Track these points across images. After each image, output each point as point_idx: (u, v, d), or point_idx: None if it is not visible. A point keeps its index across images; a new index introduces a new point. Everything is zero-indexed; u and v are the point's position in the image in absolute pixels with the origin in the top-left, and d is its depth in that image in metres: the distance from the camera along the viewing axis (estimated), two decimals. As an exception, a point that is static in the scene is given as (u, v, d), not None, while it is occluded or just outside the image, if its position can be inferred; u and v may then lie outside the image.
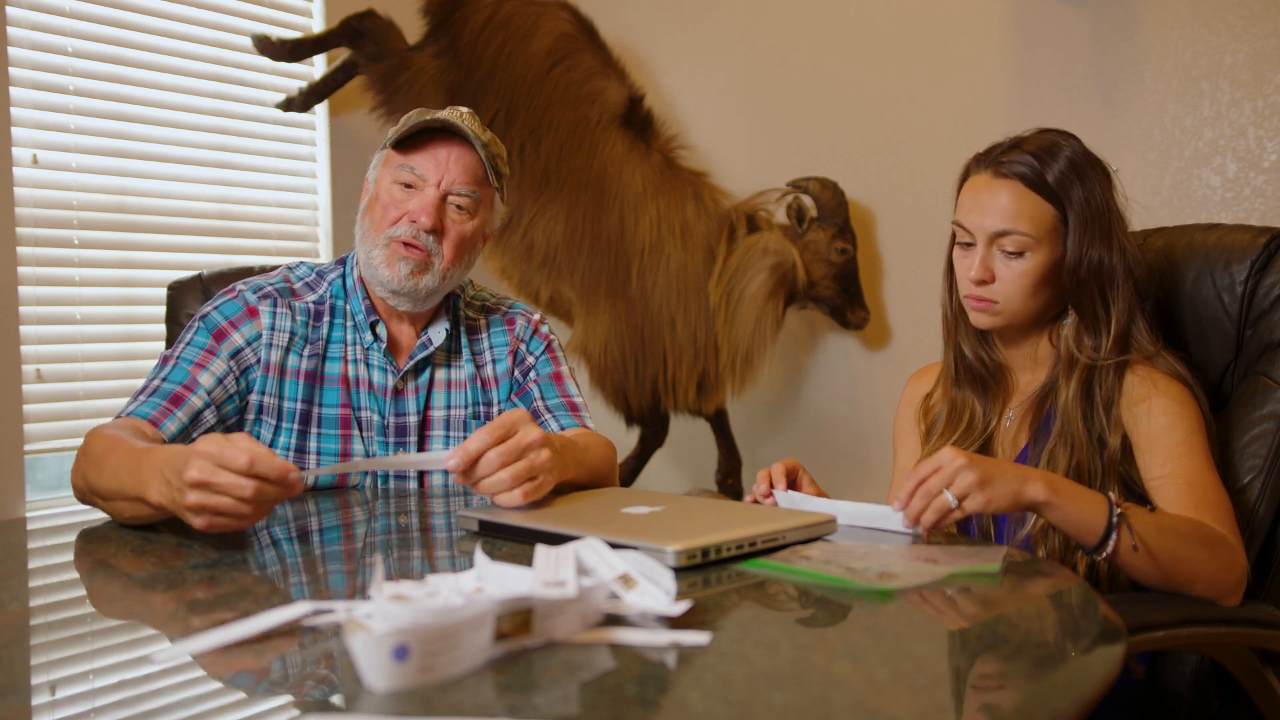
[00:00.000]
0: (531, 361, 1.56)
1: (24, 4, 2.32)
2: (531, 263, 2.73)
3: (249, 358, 1.42)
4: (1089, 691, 0.68)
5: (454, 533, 1.19)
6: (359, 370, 1.47)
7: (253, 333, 1.43)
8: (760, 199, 2.68)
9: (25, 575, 1.10)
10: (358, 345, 1.48)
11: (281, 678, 0.72)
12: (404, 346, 1.51)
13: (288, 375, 1.44)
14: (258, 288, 1.47)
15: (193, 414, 1.37)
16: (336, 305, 1.49)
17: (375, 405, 1.47)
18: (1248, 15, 2.19)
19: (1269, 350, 1.37)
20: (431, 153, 1.43)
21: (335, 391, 1.46)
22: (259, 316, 1.44)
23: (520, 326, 1.58)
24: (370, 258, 1.45)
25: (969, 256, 1.34)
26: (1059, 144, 1.32)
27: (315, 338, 1.47)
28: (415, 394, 1.49)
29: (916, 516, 1.09)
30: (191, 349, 1.40)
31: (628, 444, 2.84)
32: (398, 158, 1.44)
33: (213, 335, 1.41)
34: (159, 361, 1.41)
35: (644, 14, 3.09)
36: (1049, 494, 1.11)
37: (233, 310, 1.44)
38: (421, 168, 1.43)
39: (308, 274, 1.52)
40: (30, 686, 0.73)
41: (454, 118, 1.44)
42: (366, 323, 1.48)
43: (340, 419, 1.45)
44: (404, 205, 1.43)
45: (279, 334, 1.44)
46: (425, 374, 1.51)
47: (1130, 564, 1.14)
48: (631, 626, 0.78)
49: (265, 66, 2.77)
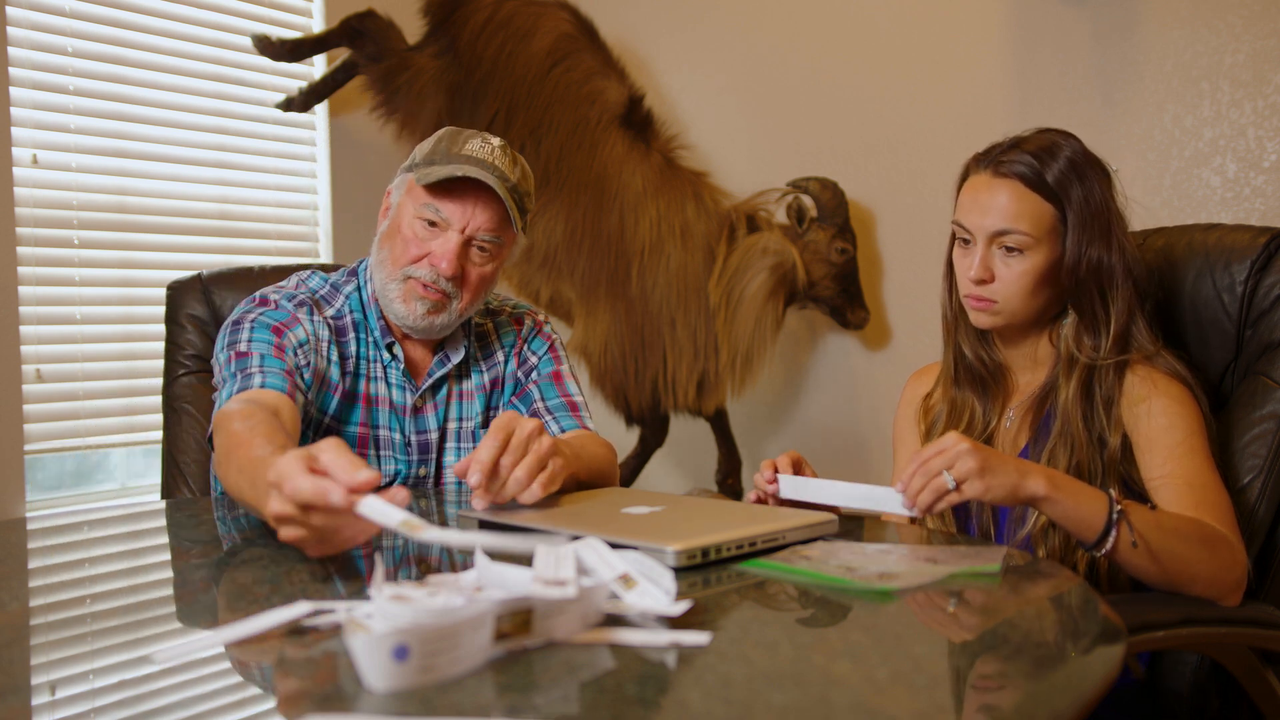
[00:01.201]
0: (534, 361, 1.55)
1: (24, 4, 2.32)
2: (531, 263, 2.73)
3: (302, 359, 1.37)
4: (1089, 691, 0.68)
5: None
6: (378, 388, 1.46)
7: (302, 336, 1.39)
8: (760, 199, 2.68)
9: (25, 575, 1.10)
10: (377, 363, 1.46)
11: (281, 678, 0.72)
12: (419, 363, 1.49)
13: (325, 388, 1.42)
14: (291, 296, 1.44)
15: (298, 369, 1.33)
16: (356, 320, 1.47)
17: (396, 424, 1.46)
18: (1248, 15, 2.19)
19: (1269, 350, 1.37)
20: (459, 198, 1.38)
21: (357, 410, 1.44)
22: (302, 324, 1.40)
23: (527, 327, 1.58)
24: (387, 289, 1.42)
25: (969, 256, 1.34)
26: (1058, 144, 1.32)
27: (346, 354, 1.44)
28: (434, 410, 1.48)
29: (915, 496, 1.10)
30: (259, 343, 1.35)
31: (628, 444, 2.84)
32: (424, 194, 1.39)
33: (272, 331, 1.37)
34: (231, 358, 1.34)
35: (644, 14, 3.09)
36: (1049, 489, 1.11)
37: (279, 316, 1.39)
38: (447, 211, 1.38)
39: (321, 285, 1.49)
40: (30, 686, 0.73)
41: (486, 155, 1.39)
42: (384, 342, 1.46)
43: (359, 438, 1.44)
44: (426, 245, 1.39)
45: (320, 343, 1.41)
46: (443, 390, 1.50)
47: (1130, 561, 1.14)
48: (631, 626, 0.78)
49: (265, 66, 2.77)
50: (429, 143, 1.44)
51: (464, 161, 1.37)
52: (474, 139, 1.41)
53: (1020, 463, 1.12)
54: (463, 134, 1.42)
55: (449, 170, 1.36)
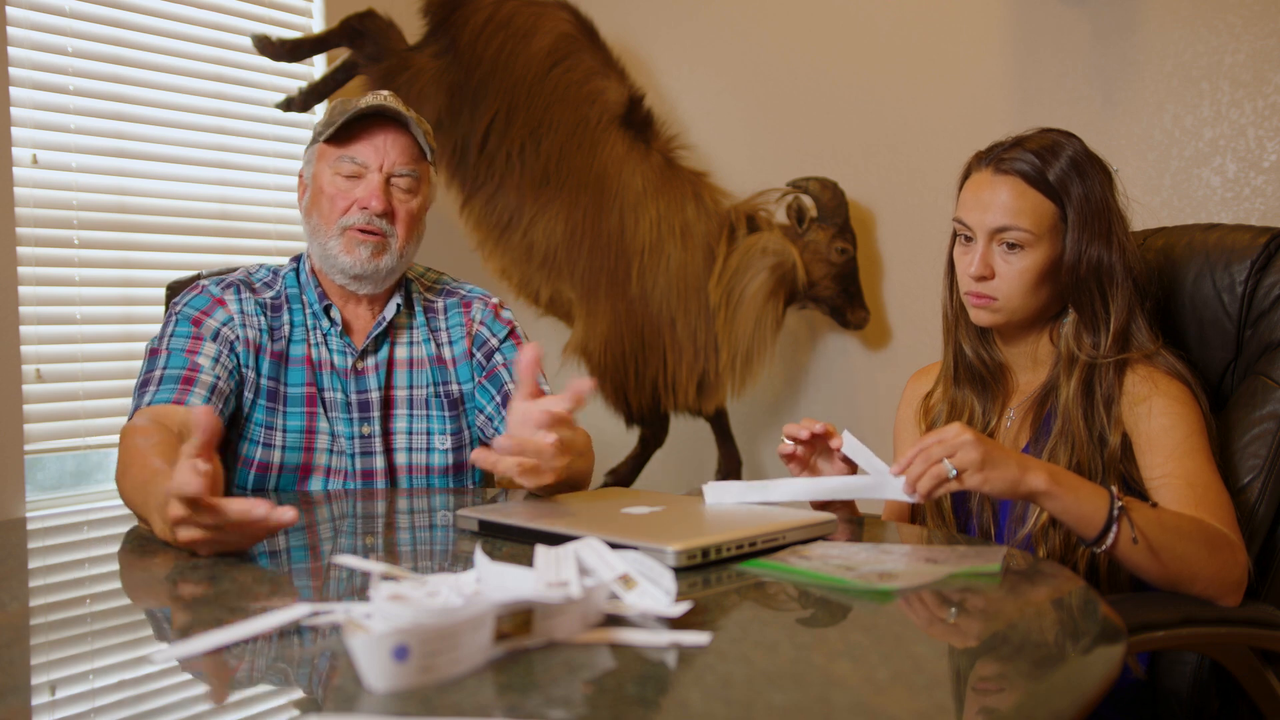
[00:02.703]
0: (495, 344, 1.59)
1: (24, 4, 2.32)
2: (531, 263, 2.73)
3: (229, 335, 1.47)
4: (1089, 691, 0.68)
5: (454, 533, 1.19)
6: (321, 354, 1.53)
7: (225, 316, 1.48)
8: (760, 199, 2.68)
9: (25, 575, 1.10)
10: (317, 330, 1.54)
11: (281, 678, 0.72)
12: (359, 328, 1.56)
13: (261, 352, 1.49)
14: (220, 280, 1.53)
15: (209, 389, 1.41)
16: (292, 295, 1.55)
17: (338, 385, 1.52)
18: (1248, 15, 2.19)
19: (1269, 350, 1.37)
20: (368, 139, 1.48)
21: (300, 371, 1.51)
22: (226, 304, 1.50)
23: (477, 309, 1.62)
24: (327, 249, 1.50)
25: (969, 253, 1.34)
26: (1060, 143, 1.33)
27: (278, 325, 1.52)
28: (375, 371, 1.54)
29: (915, 481, 1.11)
30: (178, 339, 1.45)
31: (628, 444, 2.84)
32: (334, 150, 1.49)
33: (191, 323, 1.46)
34: (148, 355, 1.45)
35: (644, 14, 3.09)
36: (1049, 484, 1.11)
37: (202, 302, 1.49)
38: (362, 155, 1.48)
39: (266, 275, 1.58)
40: (30, 686, 0.73)
41: (381, 101, 1.49)
42: (322, 309, 1.53)
43: (306, 396, 1.50)
44: (350, 194, 1.49)
45: (247, 316, 1.50)
46: (384, 351, 1.55)
47: (1130, 558, 1.14)
48: (631, 626, 0.78)
49: (265, 66, 2.76)
50: (324, 114, 1.55)
51: (363, 109, 1.48)
52: (365, 96, 1.51)
53: (1022, 457, 1.13)
54: (355, 99, 1.52)
55: (352, 114, 1.47)
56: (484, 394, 1.56)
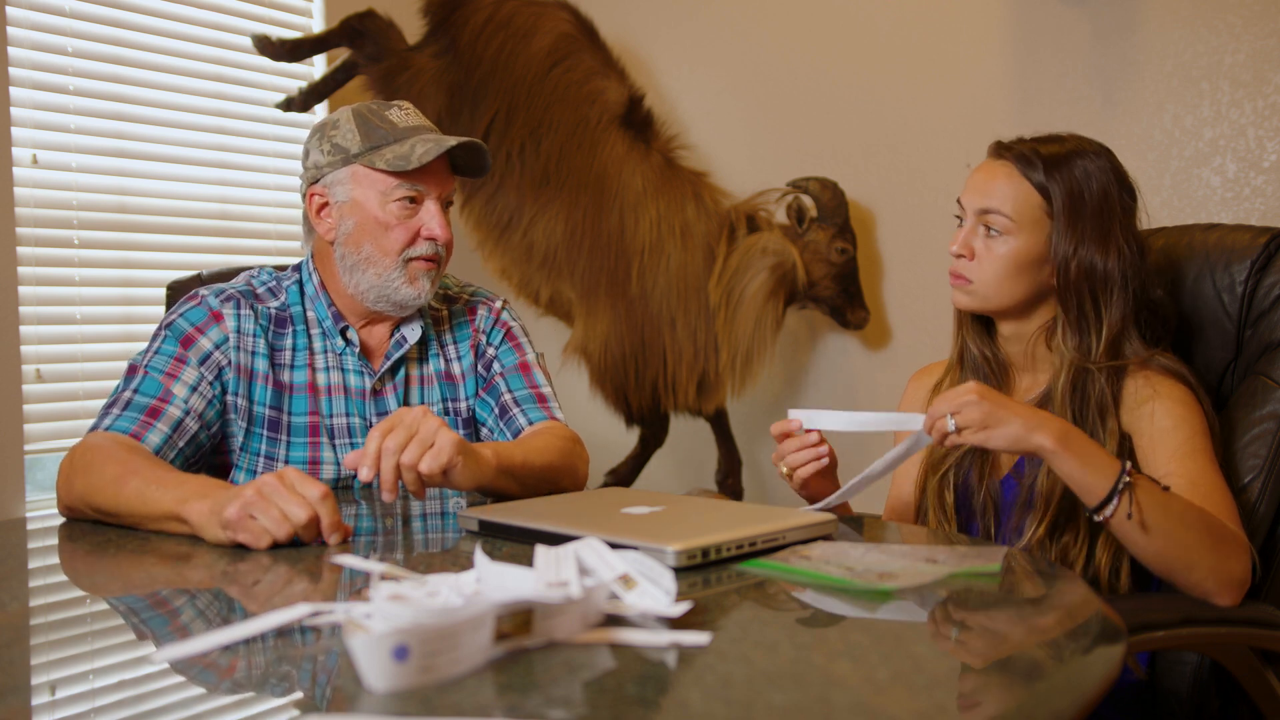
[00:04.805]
0: (492, 354, 1.55)
1: (24, 4, 2.32)
2: (531, 263, 2.73)
3: (220, 360, 1.41)
4: (1089, 692, 0.68)
5: (454, 533, 1.19)
6: (331, 378, 1.47)
7: (220, 336, 1.42)
8: (760, 199, 2.68)
9: (25, 575, 1.10)
10: (327, 353, 1.48)
11: (281, 678, 0.72)
12: (375, 347, 1.50)
13: (256, 379, 1.43)
14: (220, 291, 1.46)
15: (173, 424, 1.35)
16: (295, 313, 1.48)
17: (355, 409, 1.46)
18: (1248, 15, 2.19)
19: (1269, 350, 1.37)
20: (427, 168, 1.42)
21: (303, 400, 1.45)
22: (224, 320, 1.43)
23: (481, 317, 1.57)
24: (388, 280, 1.43)
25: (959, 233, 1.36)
26: (1079, 148, 1.33)
27: (280, 346, 1.46)
28: (394, 392, 1.49)
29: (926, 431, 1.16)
30: (160, 358, 1.39)
31: (628, 444, 2.84)
32: (389, 179, 1.41)
33: (180, 342, 1.41)
34: (126, 372, 1.40)
35: (644, 14, 3.09)
36: (1056, 444, 1.12)
37: (198, 316, 1.43)
38: (424, 185, 1.43)
39: (269, 279, 1.51)
40: (30, 686, 0.73)
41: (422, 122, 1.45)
42: (336, 329, 1.47)
43: (309, 427, 1.45)
44: (411, 223, 1.43)
45: (245, 337, 1.43)
46: (400, 371, 1.51)
47: (1126, 534, 1.15)
48: (631, 626, 0.78)
49: (265, 66, 2.76)
50: (351, 128, 1.43)
51: (415, 134, 1.42)
52: (392, 109, 1.45)
53: (1034, 414, 1.14)
54: (379, 109, 1.45)
55: (424, 148, 1.39)
56: (484, 407, 1.52)
